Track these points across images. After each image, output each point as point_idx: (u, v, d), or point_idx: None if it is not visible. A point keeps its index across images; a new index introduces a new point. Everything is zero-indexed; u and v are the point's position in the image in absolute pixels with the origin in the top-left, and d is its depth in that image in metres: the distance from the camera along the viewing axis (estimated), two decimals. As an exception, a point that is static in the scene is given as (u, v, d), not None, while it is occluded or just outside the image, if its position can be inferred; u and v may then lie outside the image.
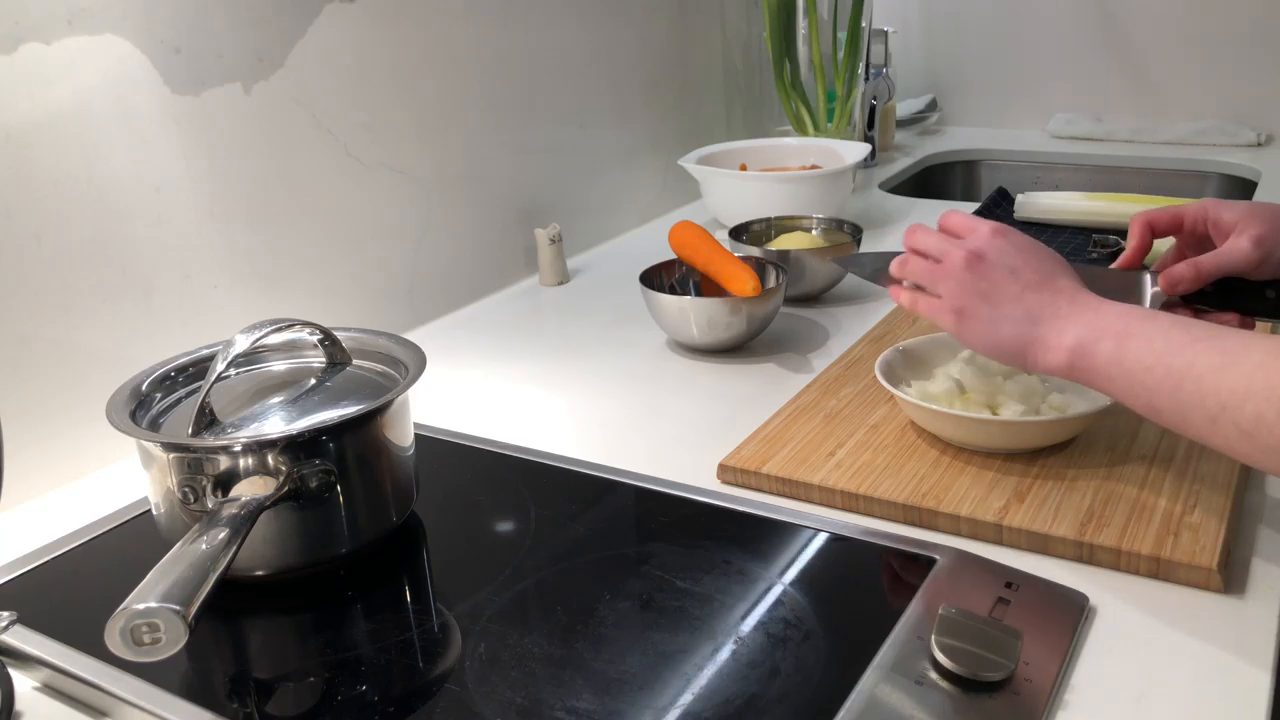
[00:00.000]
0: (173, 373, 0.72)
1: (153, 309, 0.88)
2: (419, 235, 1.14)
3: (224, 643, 0.63)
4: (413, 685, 0.57)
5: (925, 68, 2.03)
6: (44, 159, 0.79)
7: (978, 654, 0.53)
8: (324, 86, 1.00)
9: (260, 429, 0.66)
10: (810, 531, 0.69)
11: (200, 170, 0.90)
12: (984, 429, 0.74)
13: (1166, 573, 0.62)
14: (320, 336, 0.74)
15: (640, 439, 0.85)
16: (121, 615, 0.50)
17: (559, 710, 0.54)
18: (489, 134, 1.21)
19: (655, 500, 0.74)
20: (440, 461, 0.81)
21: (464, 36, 1.15)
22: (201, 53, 0.89)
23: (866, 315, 1.09)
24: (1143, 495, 0.69)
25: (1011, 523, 0.67)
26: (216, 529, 0.57)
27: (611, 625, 0.60)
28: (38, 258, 0.79)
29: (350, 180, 1.04)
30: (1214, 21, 1.73)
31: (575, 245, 1.36)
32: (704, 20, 1.62)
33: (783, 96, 1.63)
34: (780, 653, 0.57)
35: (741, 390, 0.93)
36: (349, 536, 0.67)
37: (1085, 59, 1.86)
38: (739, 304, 0.96)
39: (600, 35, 1.38)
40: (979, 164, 1.88)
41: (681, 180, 1.53)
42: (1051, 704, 0.53)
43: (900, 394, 0.77)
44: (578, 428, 0.88)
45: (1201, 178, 1.71)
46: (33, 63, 0.77)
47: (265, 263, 0.97)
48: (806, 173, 1.34)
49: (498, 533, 0.73)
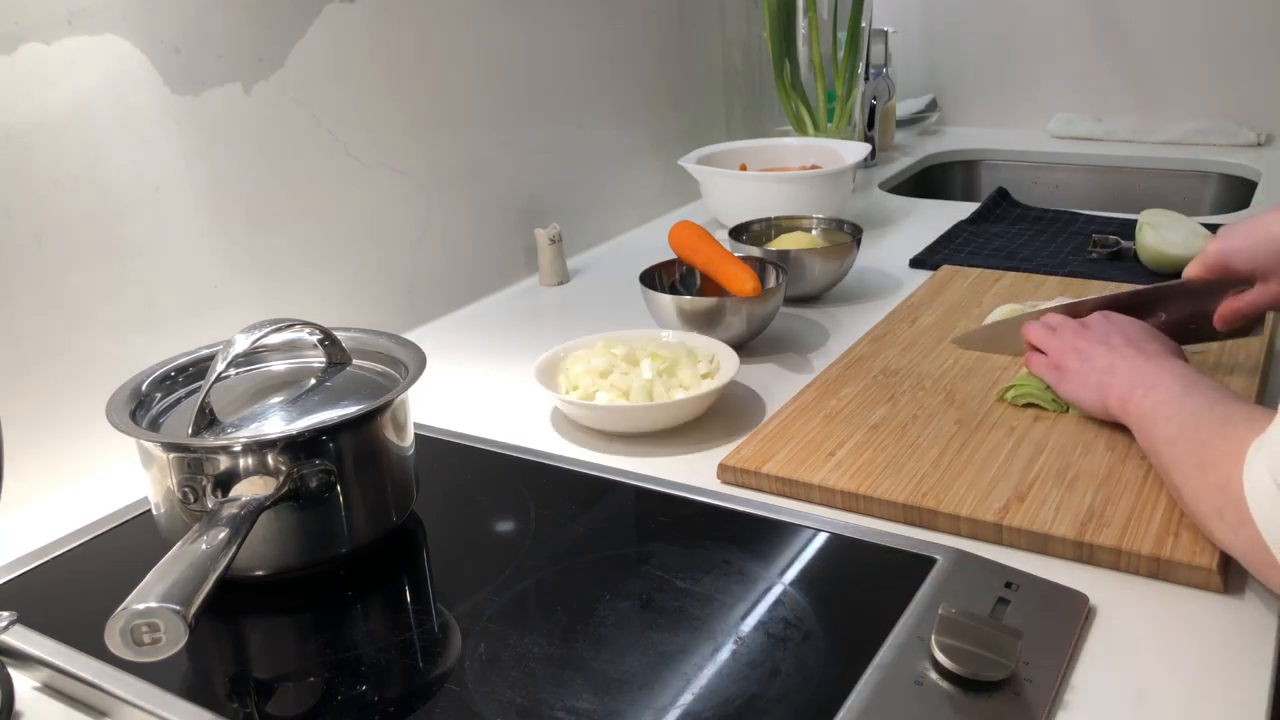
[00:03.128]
0: (173, 373, 0.72)
1: (153, 309, 0.88)
2: (419, 235, 1.14)
3: (224, 643, 0.63)
4: (413, 685, 0.57)
5: (925, 68, 2.03)
6: (44, 159, 0.79)
7: (978, 654, 0.53)
8: (324, 86, 1.00)
9: (260, 429, 0.66)
10: (810, 531, 0.69)
11: (200, 170, 0.90)
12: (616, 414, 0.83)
13: (1166, 573, 0.62)
14: (320, 336, 0.74)
15: (640, 439, 0.85)
16: (121, 615, 0.50)
17: (559, 710, 0.54)
18: (489, 134, 1.21)
19: (655, 500, 0.74)
20: (440, 461, 0.81)
21: (464, 36, 1.15)
22: (201, 53, 0.89)
23: (866, 315, 1.09)
24: (1143, 495, 0.69)
25: (1011, 523, 0.67)
26: (216, 529, 0.57)
27: (611, 625, 0.60)
28: (38, 258, 0.79)
29: (350, 180, 1.04)
30: (1214, 21, 1.73)
31: (575, 245, 1.36)
32: (704, 20, 1.62)
33: (783, 96, 1.63)
34: (780, 653, 0.57)
35: (741, 390, 0.93)
36: (349, 536, 0.67)
37: (1085, 59, 1.86)
38: (739, 304, 0.96)
39: (600, 35, 1.38)
40: (979, 164, 1.88)
41: (681, 180, 1.53)
42: (1051, 704, 0.53)
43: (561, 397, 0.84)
44: (577, 427, 0.88)
45: (1201, 178, 1.71)
46: (33, 63, 0.77)
47: (265, 263, 0.97)
48: (806, 173, 1.34)
49: (498, 533, 0.73)
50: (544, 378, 0.88)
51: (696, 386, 0.86)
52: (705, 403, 0.85)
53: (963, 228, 1.37)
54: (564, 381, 0.89)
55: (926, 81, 2.04)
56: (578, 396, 0.86)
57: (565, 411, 0.88)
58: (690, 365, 0.88)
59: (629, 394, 0.85)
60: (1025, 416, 0.81)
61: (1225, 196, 1.68)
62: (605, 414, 0.84)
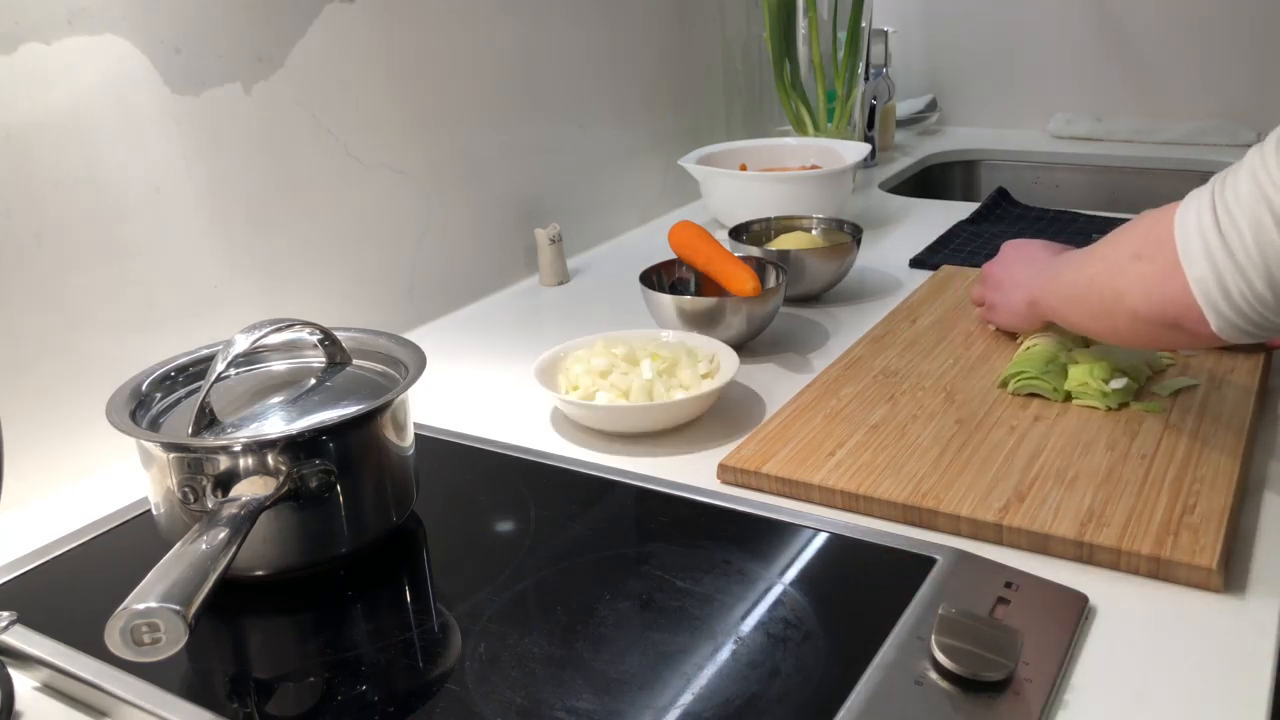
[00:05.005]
0: (173, 373, 0.72)
1: (153, 309, 0.88)
2: (419, 235, 1.14)
3: (224, 643, 0.63)
4: (413, 685, 0.57)
5: (925, 68, 2.03)
6: (44, 159, 0.79)
7: (978, 654, 0.53)
8: (324, 86, 1.00)
9: (260, 429, 0.66)
10: (810, 531, 0.69)
11: (200, 170, 0.90)
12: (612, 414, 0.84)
13: (1166, 573, 0.62)
14: (320, 336, 0.74)
15: (640, 439, 0.85)
16: (121, 615, 0.50)
17: (559, 710, 0.54)
18: (489, 134, 1.21)
19: (655, 500, 0.74)
20: (440, 461, 0.81)
21: (464, 36, 1.15)
22: (201, 53, 0.89)
23: (866, 315, 1.09)
24: (1143, 495, 0.69)
25: (1011, 523, 0.67)
26: (216, 529, 0.57)
27: (611, 625, 0.60)
28: (38, 258, 0.79)
29: (350, 180, 1.04)
30: (1214, 21, 1.73)
31: (575, 245, 1.36)
32: (704, 20, 1.62)
33: (783, 96, 1.63)
34: (780, 653, 0.57)
35: (741, 390, 0.93)
36: (349, 536, 0.67)
37: (1085, 59, 1.86)
38: (739, 304, 0.96)
39: (600, 35, 1.38)
40: (979, 164, 1.88)
41: (681, 180, 1.53)
42: (1051, 704, 0.53)
43: (561, 397, 0.85)
44: (577, 427, 0.88)
45: (1201, 178, 1.68)
46: (33, 63, 0.77)
47: (265, 263, 0.97)
48: (806, 173, 1.34)
49: (498, 533, 0.73)
50: (544, 378, 0.88)
51: (696, 386, 0.86)
52: (705, 403, 0.85)
53: (963, 228, 1.37)
54: (564, 381, 0.89)
55: (926, 81, 2.04)
56: (578, 396, 0.86)
57: (565, 411, 0.88)
58: (690, 365, 0.88)
59: (629, 394, 0.85)
60: (1025, 416, 0.81)
61: (1225, 196, 1.67)
62: (605, 414, 0.84)
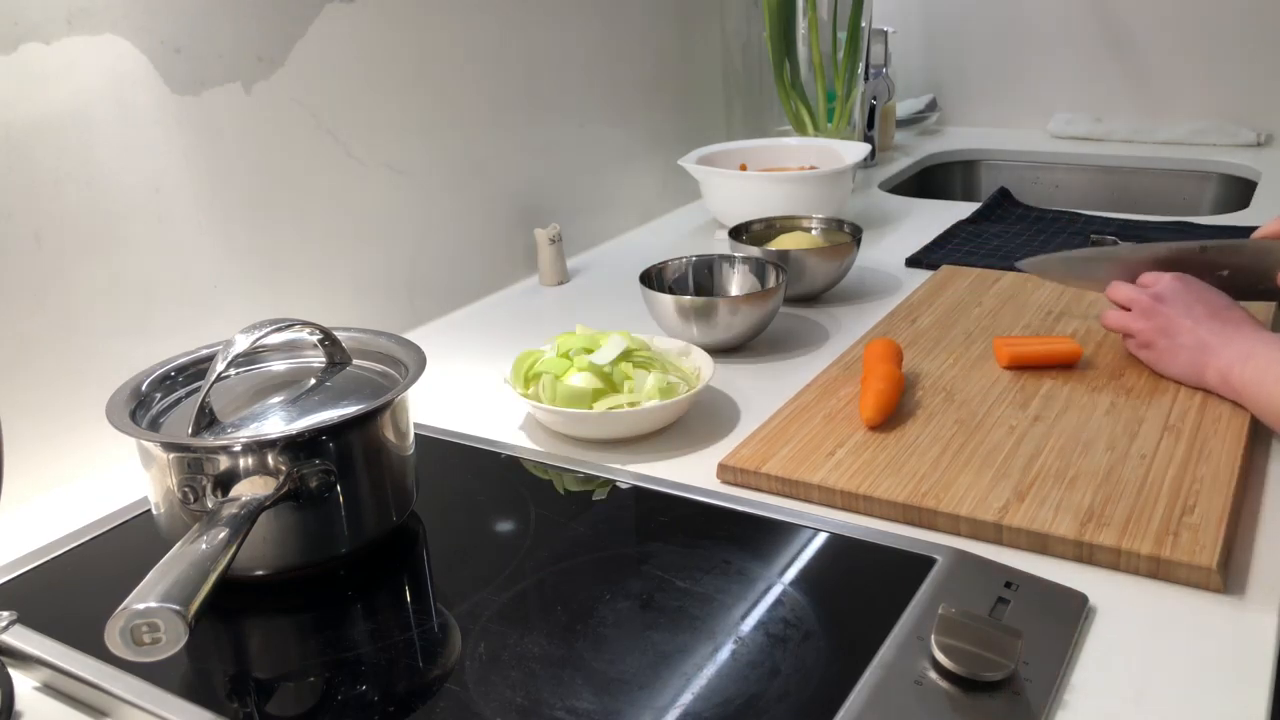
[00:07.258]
0: (173, 373, 0.72)
1: (153, 309, 0.88)
2: (419, 235, 1.14)
3: (224, 643, 0.63)
4: (413, 685, 0.57)
5: (925, 68, 2.03)
6: (44, 159, 0.79)
7: (978, 654, 0.53)
8: (324, 86, 1.00)
9: (260, 429, 0.66)
10: (810, 531, 0.69)
11: (200, 170, 0.90)
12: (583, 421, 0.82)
13: (1166, 573, 0.62)
14: (320, 336, 0.74)
15: (639, 439, 0.85)
16: (121, 615, 0.50)
17: (559, 710, 0.54)
18: (489, 134, 1.21)
19: (655, 500, 0.74)
20: (440, 461, 0.81)
21: (464, 36, 1.15)
22: (201, 53, 0.89)
23: (866, 315, 1.09)
24: (1142, 495, 0.69)
25: (1011, 522, 0.67)
26: (216, 529, 0.57)
27: (611, 625, 0.60)
28: (38, 258, 0.79)
29: (350, 180, 1.05)
30: (1214, 21, 1.73)
31: (575, 245, 1.37)
32: (704, 20, 1.62)
33: (783, 96, 1.63)
34: (780, 653, 0.57)
35: (741, 390, 0.93)
36: (349, 536, 0.67)
37: (1085, 59, 1.86)
38: (738, 304, 0.96)
39: (600, 35, 1.38)
40: (979, 164, 1.88)
41: (681, 180, 1.53)
42: (1051, 704, 0.53)
43: (532, 402, 0.83)
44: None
45: (1201, 178, 1.71)
46: (33, 63, 0.77)
47: (265, 263, 0.97)
48: (806, 173, 1.34)
49: (498, 533, 0.73)
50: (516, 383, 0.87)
51: (672, 394, 0.84)
52: (678, 410, 0.84)
53: (962, 227, 1.37)
54: (532, 382, 0.88)
55: (926, 81, 2.04)
56: (548, 382, 0.84)
57: (537, 416, 0.86)
58: (664, 370, 0.87)
59: (599, 377, 0.84)
60: (1025, 416, 0.81)
61: (1225, 196, 1.68)
62: (563, 419, 0.83)
